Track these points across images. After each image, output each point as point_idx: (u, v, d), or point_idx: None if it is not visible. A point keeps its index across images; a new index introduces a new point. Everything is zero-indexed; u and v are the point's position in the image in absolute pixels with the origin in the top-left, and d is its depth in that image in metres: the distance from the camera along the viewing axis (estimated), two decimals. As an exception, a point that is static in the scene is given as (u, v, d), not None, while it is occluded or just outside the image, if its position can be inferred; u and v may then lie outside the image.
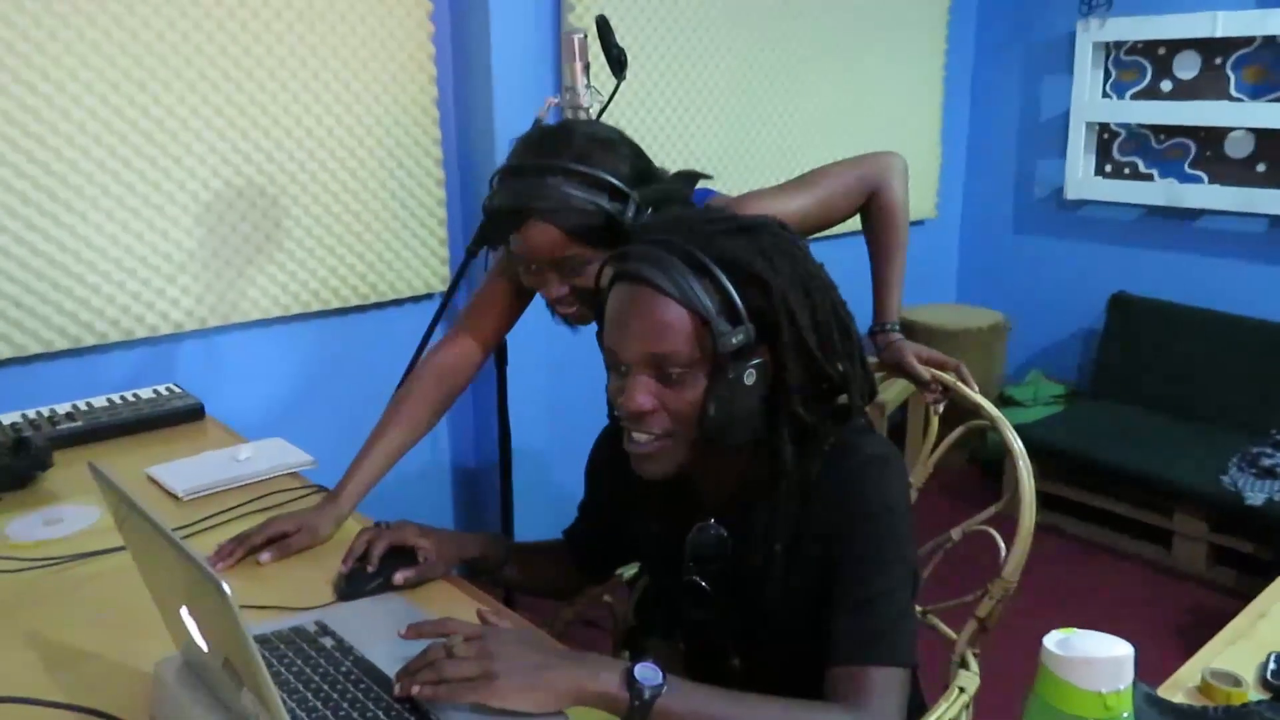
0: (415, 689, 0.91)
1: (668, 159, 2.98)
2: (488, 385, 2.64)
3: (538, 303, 1.76)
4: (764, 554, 1.09)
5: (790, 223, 1.46)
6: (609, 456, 1.26)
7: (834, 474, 1.06)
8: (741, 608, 1.14)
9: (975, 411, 1.44)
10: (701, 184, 1.47)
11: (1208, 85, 3.37)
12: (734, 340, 0.97)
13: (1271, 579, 1.31)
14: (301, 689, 0.97)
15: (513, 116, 2.56)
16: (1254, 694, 1.05)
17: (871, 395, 1.09)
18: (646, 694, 0.89)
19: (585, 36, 2.19)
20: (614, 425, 1.14)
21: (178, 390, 1.95)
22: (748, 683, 1.17)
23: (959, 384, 1.45)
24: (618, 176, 1.31)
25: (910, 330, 3.55)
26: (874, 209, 1.55)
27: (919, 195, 3.82)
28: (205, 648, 0.85)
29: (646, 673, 0.90)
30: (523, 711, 0.90)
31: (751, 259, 0.99)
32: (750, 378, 0.99)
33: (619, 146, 1.35)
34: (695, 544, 1.14)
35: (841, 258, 1.63)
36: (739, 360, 0.99)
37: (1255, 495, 2.77)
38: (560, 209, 1.29)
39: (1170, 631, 2.66)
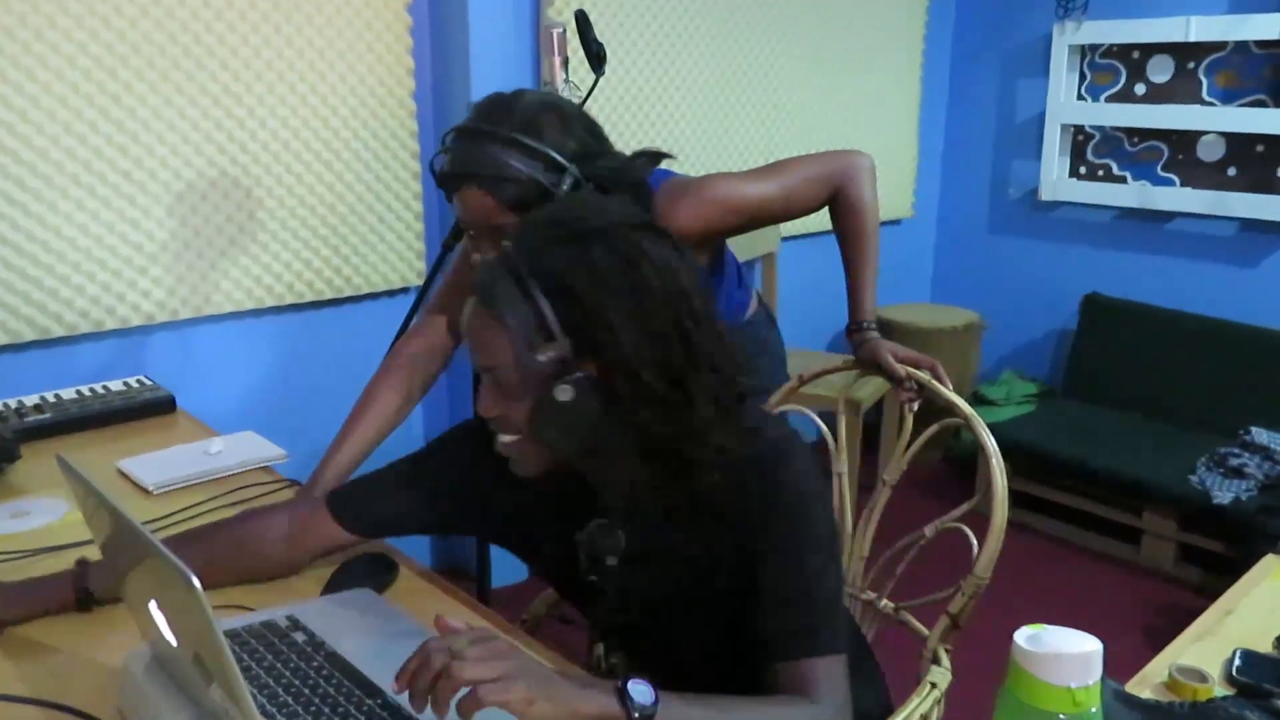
0: (432, 709, 0.82)
1: (646, 155, 2.98)
2: (462, 375, 2.63)
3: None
4: (658, 546, 1.08)
5: (751, 208, 1.47)
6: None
7: (738, 468, 1.04)
8: (641, 601, 1.13)
9: (949, 410, 1.45)
10: (665, 164, 1.47)
11: (1180, 89, 3.41)
12: (539, 359, 0.97)
13: (1238, 577, 1.33)
14: (272, 684, 0.96)
15: (491, 110, 2.55)
16: (1220, 690, 1.06)
17: (739, 397, 1.05)
18: (639, 714, 0.87)
19: (564, 31, 2.19)
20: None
21: (148, 383, 1.93)
22: (672, 659, 1.16)
23: (933, 382, 1.46)
24: (560, 149, 1.30)
25: (886, 329, 3.55)
26: (841, 207, 1.56)
27: (896, 195, 3.84)
28: (174, 642, 0.85)
29: (640, 690, 0.88)
30: None
31: (571, 273, 0.96)
32: (566, 394, 0.97)
33: (569, 120, 1.34)
34: (589, 543, 1.12)
35: (816, 255, 1.64)
36: (555, 377, 0.98)
37: (1223, 495, 2.81)
38: (494, 177, 1.29)
39: (1138, 628, 2.70)
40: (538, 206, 1.28)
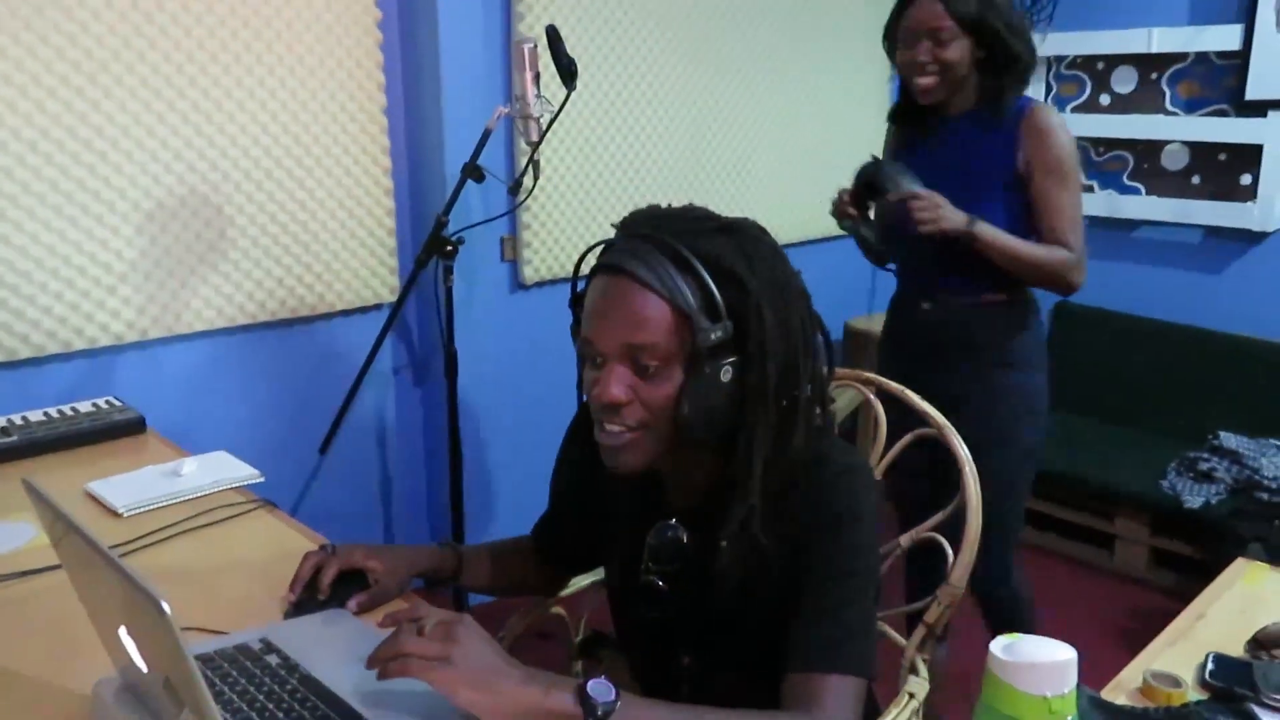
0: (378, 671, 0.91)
1: (619, 167, 2.99)
2: (436, 380, 2.62)
3: (492, 309, 1.76)
4: (722, 556, 1.09)
5: (1070, 179, 1.99)
6: (580, 452, 1.25)
7: (803, 482, 1.06)
8: (696, 608, 1.14)
9: (923, 420, 1.46)
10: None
11: (1144, 99, 3.46)
12: (713, 336, 0.98)
13: (1210, 581, 1.34)
14: (245, 709, 0.95)
15: (461, 126, 2.55)
16: (1193, 694, 1.08)
17: (823, 407, 1.10)
18: (600, 710, 0.88)
19: (535, 46, 2.19)
20: (586, 417, 1.13)
21: (117, 403, 1.91)
22: (699, 682, 1.17)
23: (906, 392, 1.48)
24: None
25: (858, 338, 3.59)
26: (1056, 288, 2.08)
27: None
28: (145, 668, 0.83)
29: (599, 689, 0.89)
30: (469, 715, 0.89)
31: (734, 259, 1.00)
32: (726, 374, 1.00)
33: None
34: (654, 544, 1.14)
35: (816, 261, 1.64)
36: (715, 357, 0.99)
37: (1193, 499, 2.84)
38: None
39: (1112, 634, 2.72)
40: (972, 22, 1.91)
